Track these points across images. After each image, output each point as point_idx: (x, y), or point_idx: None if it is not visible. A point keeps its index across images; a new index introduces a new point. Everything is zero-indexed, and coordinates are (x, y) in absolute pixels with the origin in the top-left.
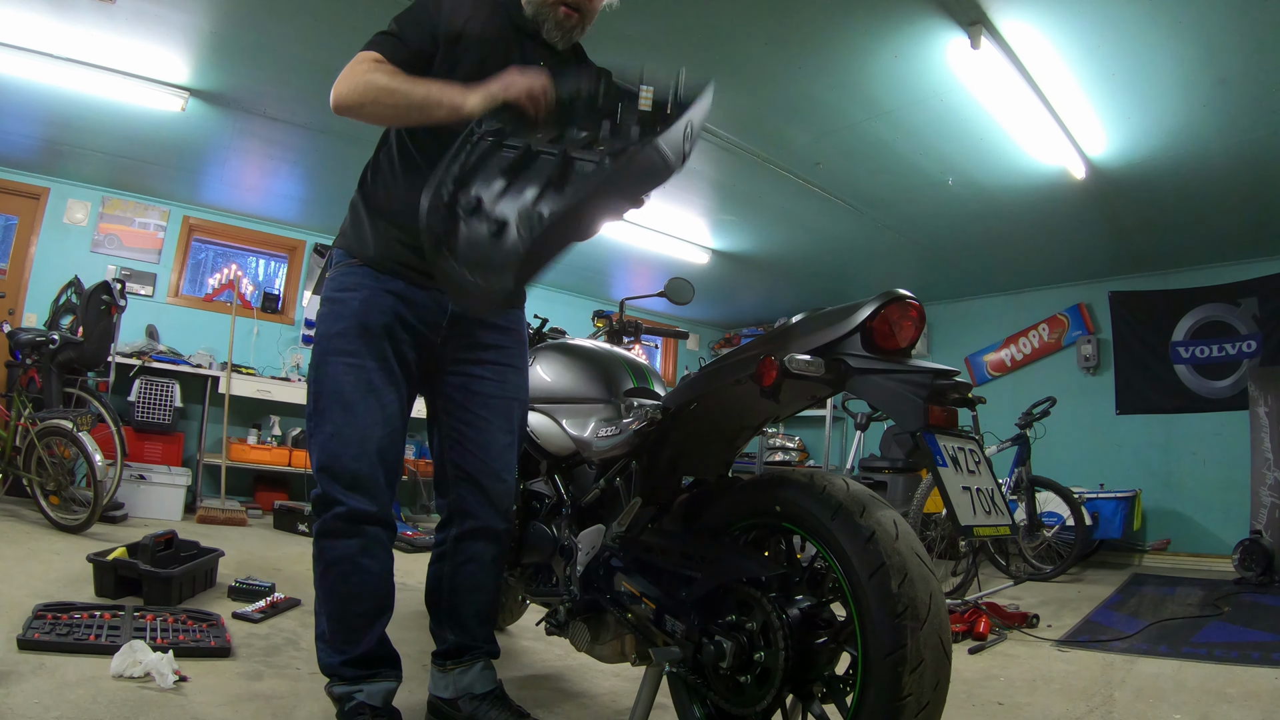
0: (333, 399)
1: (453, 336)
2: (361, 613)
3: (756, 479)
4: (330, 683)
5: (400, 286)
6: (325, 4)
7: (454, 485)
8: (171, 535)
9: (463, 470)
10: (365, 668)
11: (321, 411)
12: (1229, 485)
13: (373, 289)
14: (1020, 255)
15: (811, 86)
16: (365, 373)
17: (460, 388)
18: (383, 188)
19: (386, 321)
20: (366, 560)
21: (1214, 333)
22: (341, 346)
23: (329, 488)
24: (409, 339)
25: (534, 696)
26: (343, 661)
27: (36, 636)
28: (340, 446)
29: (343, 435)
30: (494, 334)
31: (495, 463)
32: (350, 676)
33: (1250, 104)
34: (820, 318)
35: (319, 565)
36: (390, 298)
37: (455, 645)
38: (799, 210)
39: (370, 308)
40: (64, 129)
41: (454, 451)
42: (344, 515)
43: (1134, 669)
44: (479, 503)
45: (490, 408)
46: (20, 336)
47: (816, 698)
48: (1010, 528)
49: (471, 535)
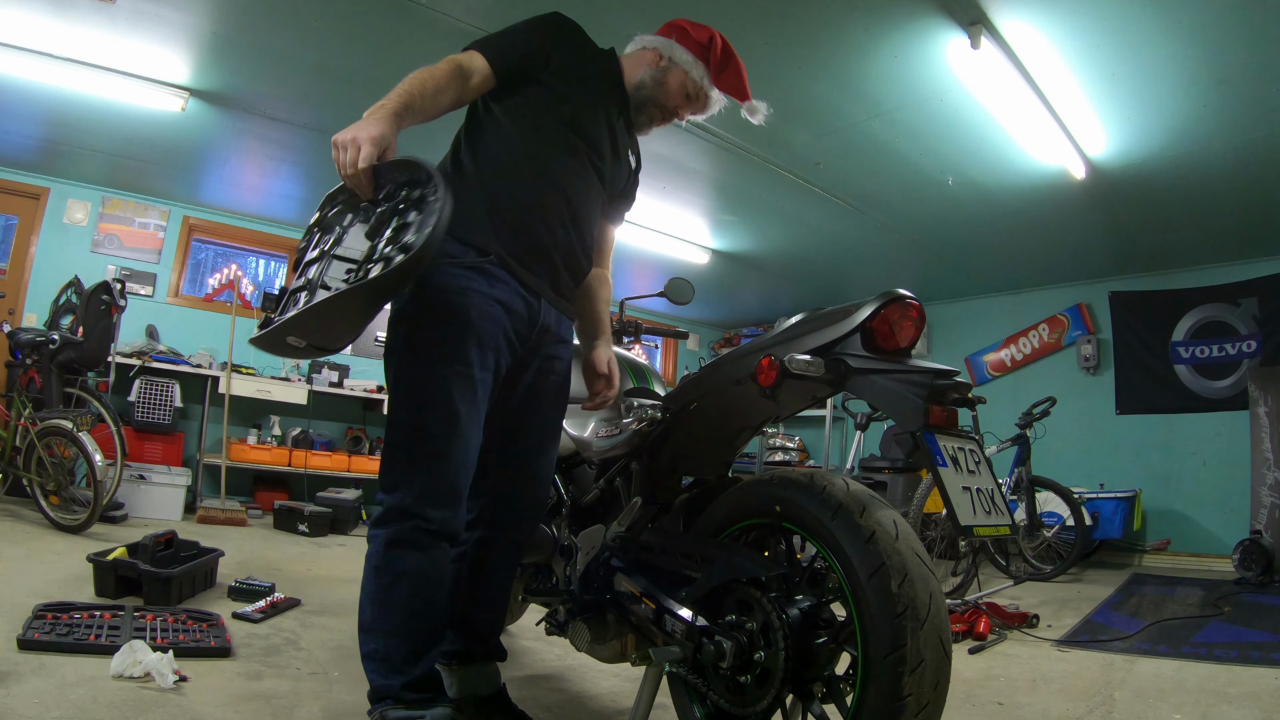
0: (440, 409)
1: (539, 344)
2: (427, 631)
3: (756, 479)
4: (383, 707)
5: (505, 294)
6: (325, 4)
7: (492, 492)
8: (171, 535)
9: (505, 474)
10: (426, 691)
11: (422, 420)
12: (1229, 485)
13: (484, 295)
14: (1020, 255)
15: (811, 86)
16: (474, 385)
17: (526, 395)
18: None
19: (496, 333)
20: (440, 576)
21: (1214, 333)
22: (455, 354)
23: (418, 500)
24: (508, 351)
25: (534, 696)
26: (404, 684)
27: (36, 636)
28: (439, 461)
29: (444, 450)
30: (562, 347)
31: (545, 472)
32: (410, 700)
33: (1250, 104)
34: (820, 318)
35: (384, 577)
36: (498, 307)
37: (464, 647)
38: (799, 210)
39: (485, 317)
40: (64, 129)
41: (503, 454)
42: (428, 530)
43: (1134, 669)
44: (517, 512)
45: (554, 416)
46: (20, 336)
47: (816, 698)
48: (1010, 528)
49: (495, 543)
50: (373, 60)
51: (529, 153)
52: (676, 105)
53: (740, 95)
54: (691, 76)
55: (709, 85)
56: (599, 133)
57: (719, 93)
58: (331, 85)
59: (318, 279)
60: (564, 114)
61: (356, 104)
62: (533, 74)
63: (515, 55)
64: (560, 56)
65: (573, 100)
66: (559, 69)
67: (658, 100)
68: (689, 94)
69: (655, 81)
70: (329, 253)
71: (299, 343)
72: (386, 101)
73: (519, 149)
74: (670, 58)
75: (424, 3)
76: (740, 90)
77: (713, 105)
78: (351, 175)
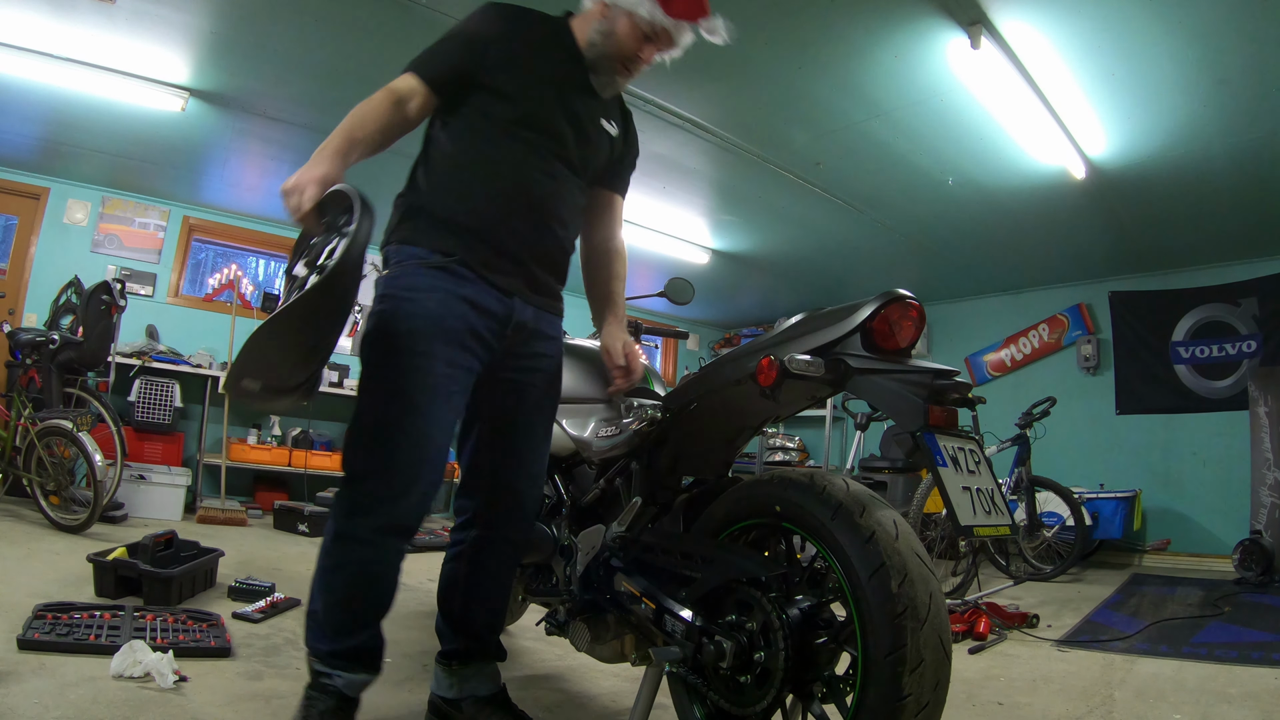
0: (396, 401)
1: (514, 343)
2: (361, 615)
3: (756, 479)
4: (311, 655)
5: (472, 292)
6: (325, 4)
7: (487, 490)
8: (171, 535)
9: (500, 476)
10: (351, 660)
11: (381, 412)
12: (1229, 485)
13: (447, 292)
14: (1020, 255)
15: (811, 86)
16: (434, 378)
17: (513, 393)
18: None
19: (460, 328)
20: (381, 569)
21: (1214, 333)
22: (413, 347)
23: (370, 493)
24: (478, 348)
25: (534, 696)
26: (329, 651)
27: (36, 636)
28: (395, 452)
29: (401, 441)
30: (547, 344)
31: (537, 469)
32: (332, 663)
33: (1250, 104)
34: (820, 318)
35: (329, 560)
36: (464, 305)
37: (464, 647)
38: (799, 210)
39: (447, 311)
40: (64, 129)
41: (494, 453)
42: (377, 526)
43: (1134, 669)
44: (511, 510)
45: (541, 415)
46: (20, 336)
47: (816, 698)
48: (1010, 528)
49: (493, 542)
50: (373, 60)
51: (480, 165)
52: (635, 51)
53: (695, 14)
54: (639, 15)
55: (663, 17)
56: (556, 121)
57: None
58: (331, 85)
59: None
60: (512, 114)
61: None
62: (472, 79)
63: (447, 66)
64: (499, 50)
65: (521, 96)
66: (501, 63)
67: (612, 53)
68: (645, 34)
69: (604, 35)
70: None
71: (254, 385)
72: (328, 142)
73: (469, 163)
74: (614, 3)
75: (424, 2)
76: (695, 8)
77: (680, 36)
78: (300, 218)
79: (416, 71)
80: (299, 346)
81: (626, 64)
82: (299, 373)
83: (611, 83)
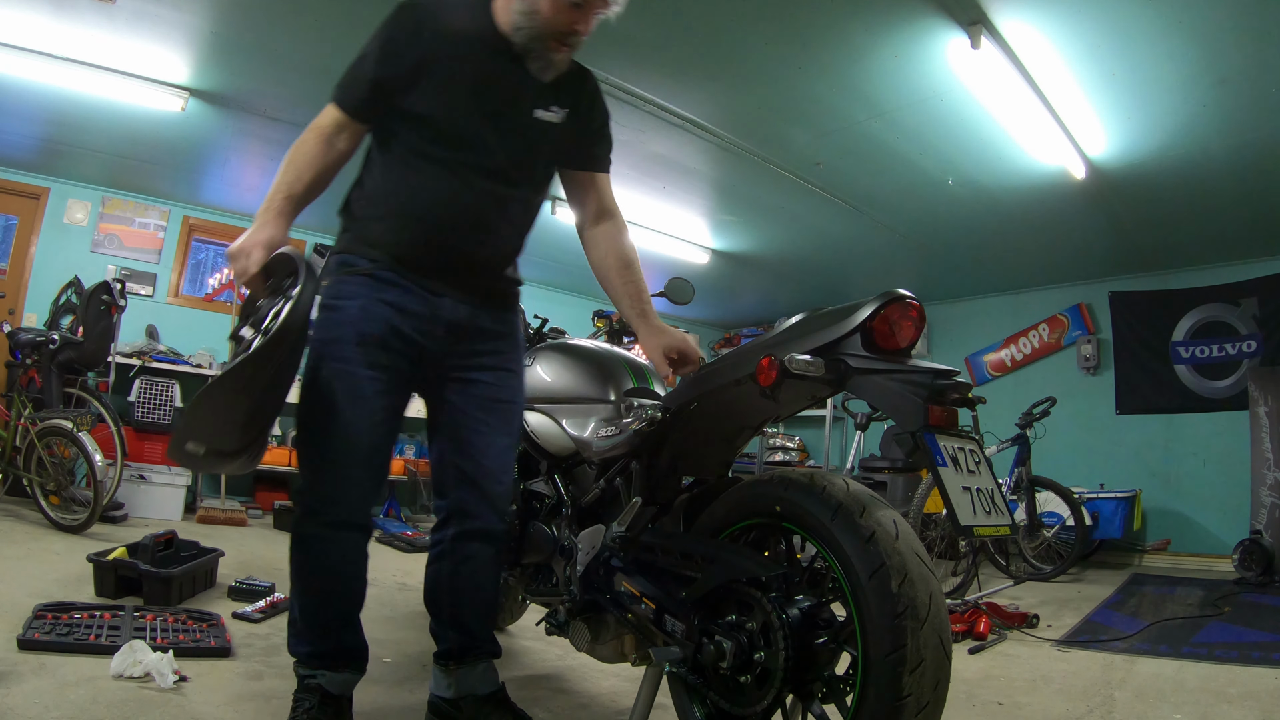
0: (323, 405)
1: (450, 344)
2: (333, 612)
3: (756, 479)
4: (296, 662)
5: (396, 296)
6: (325, 4)
7: (454, 487)
8: (171, 535)
9: (462, 472)
10: (330, 659)
11: (311, 416)
12: (1229, 485)
13: (369, 298)
14: (1020, 255)
15: (811, 86)
16: (356, 380)
17: (459, 392)
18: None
19: (381, 331)
20: (342, 564)
21: (1214, 333)
22: (335, 353)
23: (312, 493)
24: (403, 348)
25: (534, 696)
26: (309, 652)
27: (36, 636)
28: (327, 453)
29: (331, 442)
30: (490, 340)
31: (494, 464)
32: (315, 665)
33: (1250, 104)
34: (820, 318)
35: (295, 563)
36: (386, 308)
37: (457, 645)
38: (799, 210)
39: (367, 316)
40: (64, 129)
41: (454, 454)
42: (325, 522)
43: (1134, 669)
44: (479, 504)
45: (490, 410)
46: (20, 336)
47: (816, 698)
48: (1010, 528)
49: (470, 535)
50: None
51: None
52: (568, 23)
53: None
54: None
55: None
56: (477, 133)
57: None
58: (331, 85)
59: None
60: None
61: None
62: (388, 101)
63: (363, 89)
64: (412, 60)
65: (438, 115)
66: (415, 76)
67: (542, 34)
68: (573, 3)
69: (527, 15)
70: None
71: (197, 449)
72: (269, 203)
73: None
74: None
75: None
76: None
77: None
78: (245, 282)
79: (337, 101)
80: (243, 410)
81: (562, 40)
82: (243, 436)
83: (549, 64)
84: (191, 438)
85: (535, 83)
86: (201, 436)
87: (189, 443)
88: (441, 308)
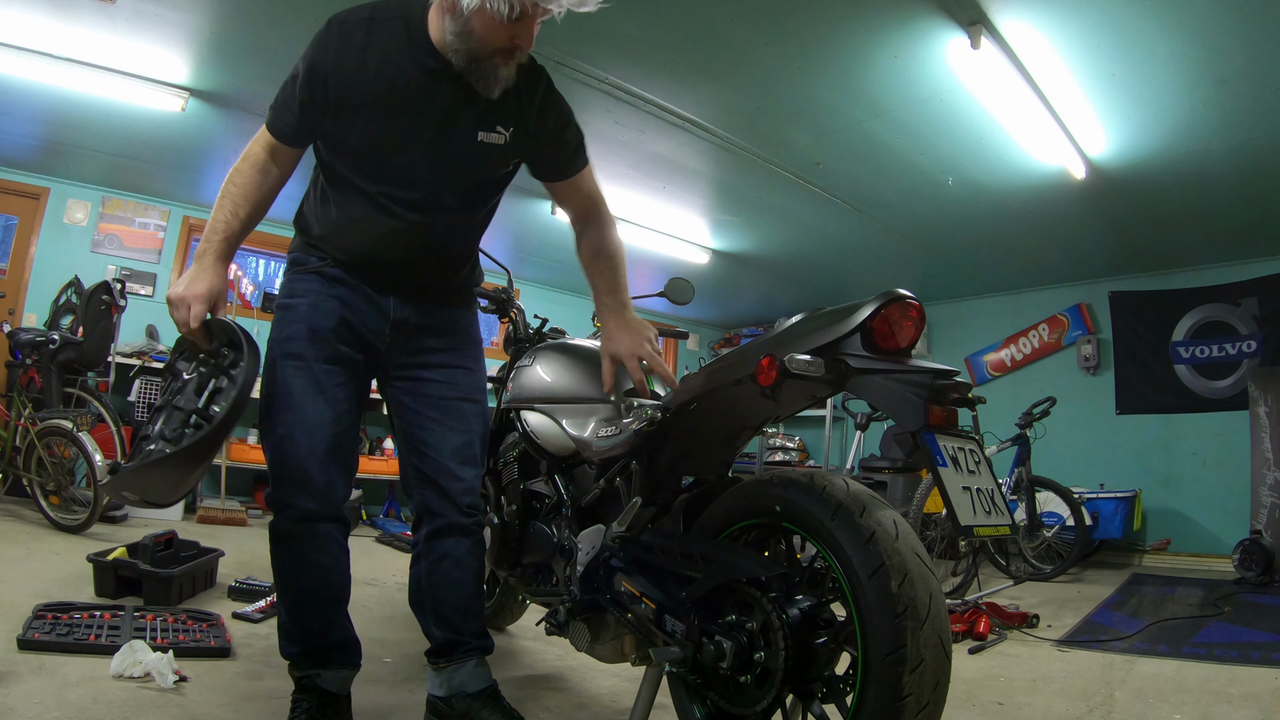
0: (282, 401)
1: (398, 343)
2: (316, 608)
3: (756, 479)
4: (290, 665)
5: (344, 293)
6: (325, 5)
7: (416, 488)
8: (171, 535)
9: (420, 472)
10: (321, 657)
11: (272, 413)
12: (1229, 485)
13: (319, 294)
14: (1020, 255)
15: (811, 86)
16: (313, 374)
17: (408, 391)
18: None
19: (333, 325)
20: (320, 557)
21: (1214, 333)
22: (290, 350)
23: (280, 489)
24: (354, 340)
25: (534, 696)
26: (300, 652)
27: (36, 636)
28: (290, 448)
29: (293, 437)
30: (439, 338)
31: (449, 461)
32: (308, 664)
33: (1250, 104)
34: (820, 318)
35: (275, 563)
36: (335, 302)
37: (445, 642)
38: (799, 210)
39: (318, 312)
40: (64, 129)
41: (411, 454)
42: (295, 516)
43: (1134, 669)
44: (440, 502)
45: (440, 408)
46: (20, 336)
47: (816, 698)
48: (1010, 528)
49: (440, 533)
50: None
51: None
52: (505, 40)
53: None
54: (491, 8)
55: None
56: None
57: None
58: None
59: (157, 431)
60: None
61: None
62: (319, 122)
63: (292, 115)
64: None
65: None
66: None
67: (481, 54)
68: (512, 17)
69: (460, 36)
70: (171, 403)
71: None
72: (209, 246)
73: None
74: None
75: None
76: None
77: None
78: (187, 332)
79: (268, 126)
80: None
81: (506, 55)
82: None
83: (494, 79)
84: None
85: (479, 102)
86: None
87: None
88: (387, 306)
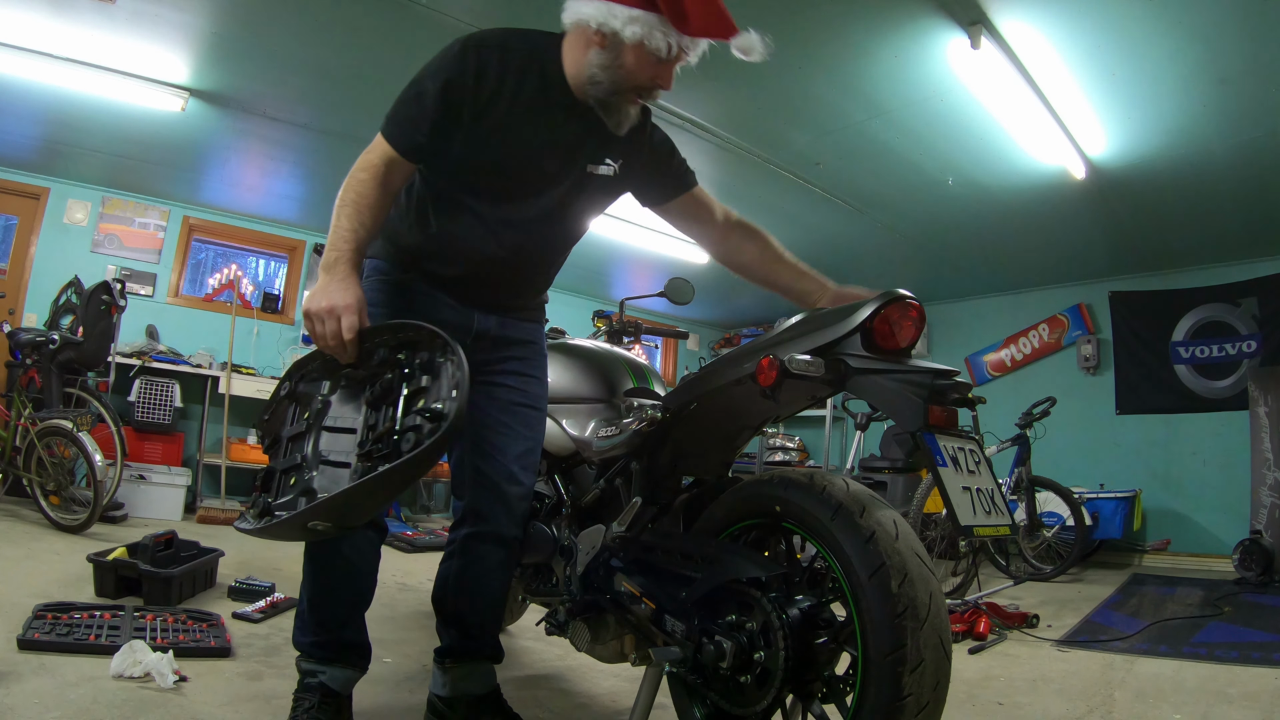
0: None
1: (478, 350)
2: (340, 604)
3: (756, 479)
4: (299, 656)
5: (427, 305)
6: (325, 4)
7: (471, 488)
8: (171, 535)
9: (480, 473)
10: (333, 652)
11: None
12: (1229, 485)
13: (398, 308)
14: (1020, 255)
15: (811, 86)
16: None
17: (485, 395)
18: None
19: None
20: (353, 554)
21: (1214, 333)
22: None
23: None
24: None
25: (534, 696)
26: (313, 643)
27: (36, 636)
28: None
29: None
30: (516, 347)
31: (512, 465)
32: (318, 657)
33: (1250, 104)
34: (820, 318)
35: (308, 556)
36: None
37: (458, 645)
38: (799, 210)
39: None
40: (64, 129)
41: (475, 455)
42: None
43: (1134, 669)
44: (493, 506)
45: (512, 414)
46: (20, 336)
47: (816, 698)
48: (1010, 528)
49: (481, 538)
50: (373, 60)
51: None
52: (651, 76)
53: (723, 32)
54: (651, 45)
55: (678, 36)
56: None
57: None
58: (331, 85)
59: (315, 456)
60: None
61: (356, 104)
62: (449, 141)
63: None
64: (476, 103)
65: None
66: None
67: (621, 88)
68: (660, 58)
69: (607, 69)
70: (318, 425)
71: (322, 525)
72: (340, 254)
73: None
74: (613, 32)
75: (423, 2)
76: (720, 25)
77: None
78: (335, 346)
79: (390, 140)
80: (398, 492)
81: (643, 93)
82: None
83: (625, 117)
84: (324, 518)
85: (597, 135)
86: (337, 519)
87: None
88: (470, 318)
